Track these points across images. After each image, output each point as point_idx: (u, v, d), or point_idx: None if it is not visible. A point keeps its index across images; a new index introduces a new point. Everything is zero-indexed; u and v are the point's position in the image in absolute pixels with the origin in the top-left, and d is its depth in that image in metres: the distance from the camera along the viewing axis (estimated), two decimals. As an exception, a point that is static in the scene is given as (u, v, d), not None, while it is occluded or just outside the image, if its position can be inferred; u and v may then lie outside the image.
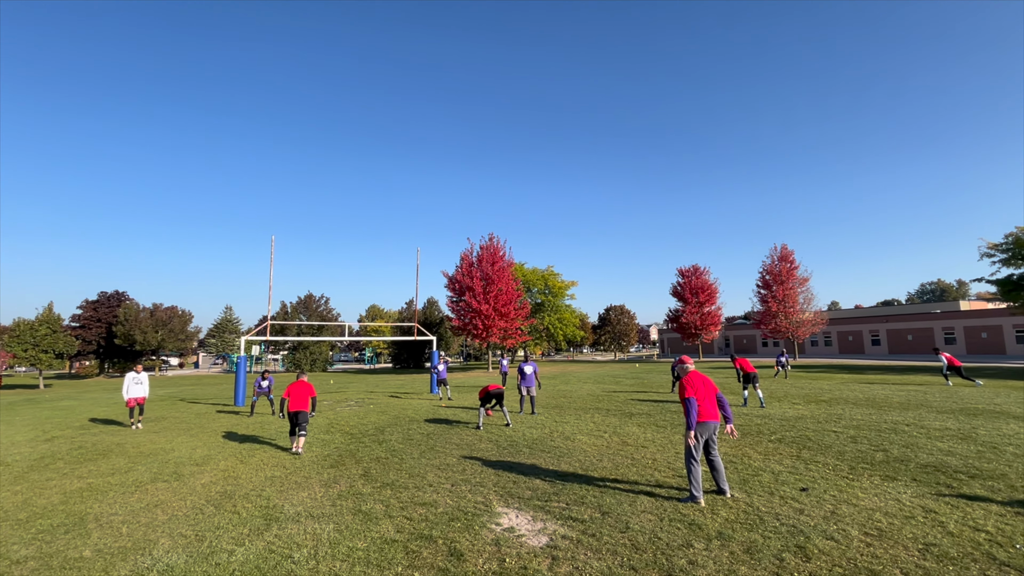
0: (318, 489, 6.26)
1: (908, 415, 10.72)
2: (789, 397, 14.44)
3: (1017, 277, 24.73)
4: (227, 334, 75.56)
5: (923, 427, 9.28)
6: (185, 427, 11.98)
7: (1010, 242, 24.72)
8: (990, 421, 9.71)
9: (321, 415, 13.44)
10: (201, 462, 8.01)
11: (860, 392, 15.27)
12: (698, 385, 5.58)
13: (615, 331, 65.87)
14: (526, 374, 12.78)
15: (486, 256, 36.50)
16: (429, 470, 7.07)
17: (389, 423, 11.64)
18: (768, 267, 42.94)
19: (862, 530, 4.49)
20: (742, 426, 9.92)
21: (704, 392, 5.60)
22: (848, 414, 11.08)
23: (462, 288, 35.96)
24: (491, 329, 34.73)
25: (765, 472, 6.49)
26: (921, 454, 7.23)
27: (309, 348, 47.71)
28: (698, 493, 5.30)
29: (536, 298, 44.33)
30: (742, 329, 65.56)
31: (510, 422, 10.91)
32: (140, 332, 44.76)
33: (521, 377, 12.82)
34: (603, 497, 5.62)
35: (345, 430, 10.80)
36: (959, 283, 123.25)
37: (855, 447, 7.81)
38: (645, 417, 11.55)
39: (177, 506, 5.77)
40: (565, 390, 18.99)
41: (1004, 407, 11.50)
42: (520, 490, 6.01)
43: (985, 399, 12.92)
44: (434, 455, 8.05)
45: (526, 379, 12.76)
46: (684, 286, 48.53)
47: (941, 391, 14.91)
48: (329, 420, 12.39)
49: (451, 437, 9.61)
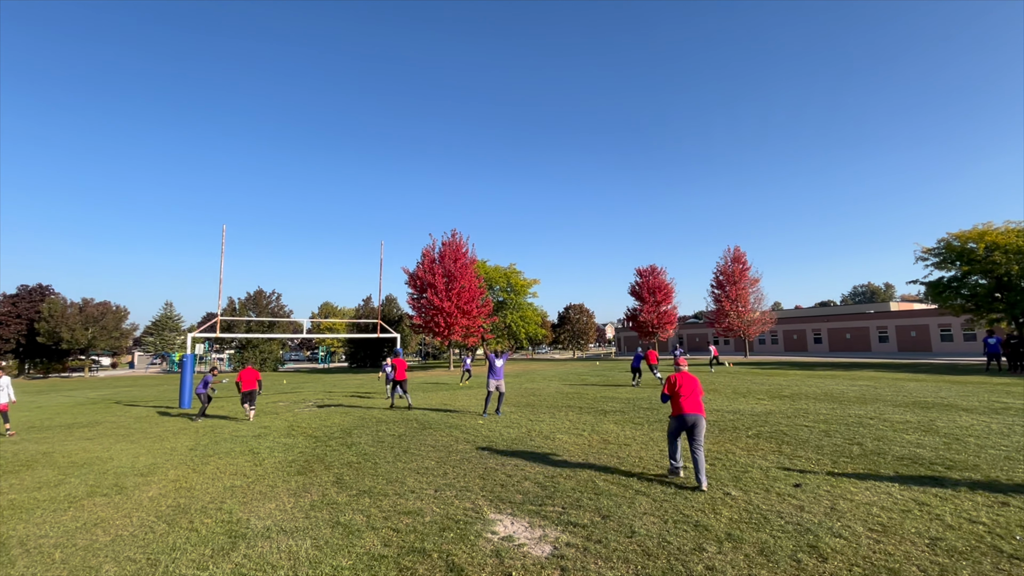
0: (287, 499, 5.67)
1: (868, 409, 11.14)
2: (753, 393, 14.81)
3: (947, 280, 26.62)
4: (167, 332, 71.03)
5: (886, 420, 9.63)
6: (124, 432, 10.87)
7: (942, 247, 26.55)
8: (943, 414, 10.21)
9: (279, 417, 12.57)
10: (146, 472, 7.17)
11: (816, 387, 15.87)
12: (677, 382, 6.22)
13: (574, 330, 66.65)
14: (496, 367, 11.72)
15: (449, 253, 35.82)
16: (407, 475, 6.60)
17: (355, 424, 10.99)
18: (722, 268, 44.42)
19: (866, 526, 4.44)
20: (717, 422, 9.98)
21: (687, 390, 6.11)
22: (813, 409, 11.41)
23: (423, 285, 35.14)
24: (453, 327, 34.12)
25: (753, 468, 6.44)
26: (894, 447, 7.42)
27: (259, 346, 45.36)
28: (677, 464, 6.16)
29: (499, 296, 44.02)
30: (695, 328, 67.85)
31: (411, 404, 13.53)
32: (67, 329, 41.10)
33: (490, 370, 11.76)
34: (599, 499, 5.36)
35: (308, 433, 10.08)
36: (886, 286, 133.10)
37: (830, 441, 7.95)
38: (619, 414, 11.46)
39: (121, 524, 5.05)
40: (533, 388, 18.77)
41: (950, 400, 12.19)
42: (510, 494, 5.66)
43: (930, 393, 13.69)
44: (410, 458, 7.56)
45: (495, 372, 11.68)
46: (642, 285, 49.46)
47: (891, 386, 15.73)
48: (289, 423, 11.59)
49: (424, 439, 9.12)
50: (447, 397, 16.48)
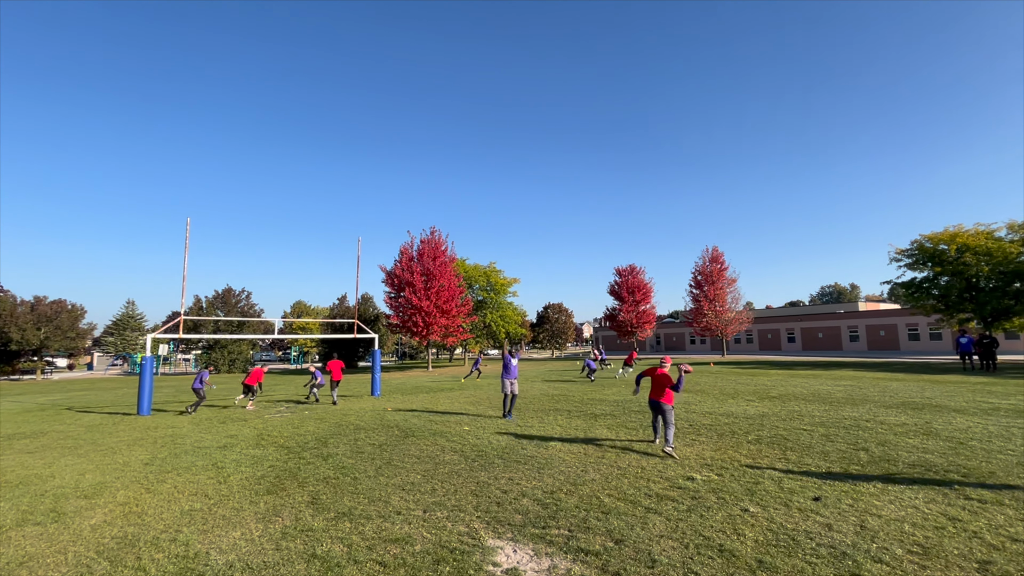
0: (254, 525, 4.98)
1: (861, 410, 10.98)
2: (742, 394, 14.60)
3: (919, 280, 27.24)
4: (128, 331, 67.99)
5: (883, 423, 9.44)
6: (72, 444, 9.87)
7: (914, 249, 27.16)
8: (937, 415, 10.10)
9: (248, 424, 11.70)
10: (92, 493, 6.34)
11: (802, 388, 15.80)
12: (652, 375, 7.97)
13: (553, 329, 66.49)
14: (511, 366, 11.26)
15: (427, 250, 34.99)
16: (392, 492, 5.97)
17: (331, 432, 10.25)
18: (700, 267, 44.82)
19: (904, 548, 4.04)
20: (714, 427, 9.63)
21: (655, 381, 7.81)
22: (806, 411, 11.20)
23: (401, 284, 34.23)
24: (432, 327, 33.34)
25: (765, 479, 6.04)
26: (901, 452, 7.16)
27: (227, 347, 43.58)
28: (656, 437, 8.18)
29: (478, 295, 43.32)
30: (672, 327, 68.50)
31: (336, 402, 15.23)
32: (17, 329, 38.64)
33: (505, 370, 11.26)
34: (608, 519, 4.85)
35: (279, 443, 9.30)
36: (852, 286, 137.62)
37: (835, 447, 7.65)
38: (611, 418, 11.02)
39: (53, 563, 4.28)
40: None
41: (937, 400, 12.17)
42: (508, 514, 5.10)
43: (915, 392, 13.71)
44: (393, 472, 6.92)
45: (510, 372, 11.21)
46: (621, 285, 49.61)
47: (874, 385, 15.77)
48: (258, 431, 10.75)
49: (408, 448, 8.48)
50: (428, 400, 15.81)
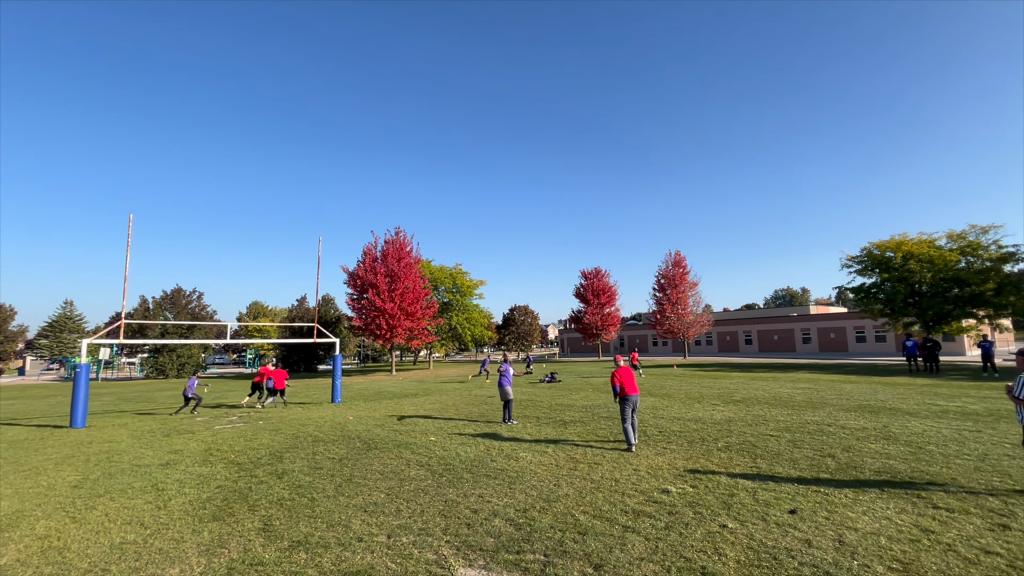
0: (196, 560, 4.47)
1: (822, 414, 11.24)
2: (707, 398, 14.77)
3: (868, 286, 28.58)
4: (66, 334, 63.61)
5: (844, 427, 9.64)
6: (-10, 464, 8.88)
7: (864, 255, 28.48)
8: (893, 419, 10.43)
9: (195, 437, 10.91)
10: (5, 524, 5.60)
11: (763, 391, 16.15)
12: (621, 374, 8.56)
13: (519, 331, 66.43)
14: (510, 374, 11.78)
15: (392, 251, 34.18)
16: (353, 514, 5.54)
17: (287, 445, 9.64)
18: (663, 271, 45.70)
19: (884, 564, 3.98)
20: (683, 433, 9.61)
21: (627, 378, 8.50)
22: (770, 415, 11.37)
23: (364, 285, 33.29)
24: (396, 329, 32.55)
25: (739, 490, 5.96)
26: (866, 459, 7.26)
27: (176, 350, 41.25)
28: (632, 440, 8.27)
29: (444, 297, 42.68)
30: (635, 329, 69.63)
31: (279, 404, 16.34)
32: (-64, 332, 35.33)
33: (505, 378, 11.71)
34: (585, 541, 4.61)
35: (229, 458, 8.65)
36: (803, 290, 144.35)
37: (802, 453, 7.70)
38: (580, 425, 10.86)
39: (-51, 616, 3.68)
40: (483, 395, 17.90)
41: (891, 403, 12.62)
42: (479, 537, 4.79)
43: (869, 395, 14.22)
44: (355, 490, 6.48)
45: (509, 379, 11.74)
46: (587, 288, 50.01)
47: (830, 388, 16.30)
48: (206, 445, 10.01)
49: (370, 463, 8.02)
50: (392, 407, 15.26)
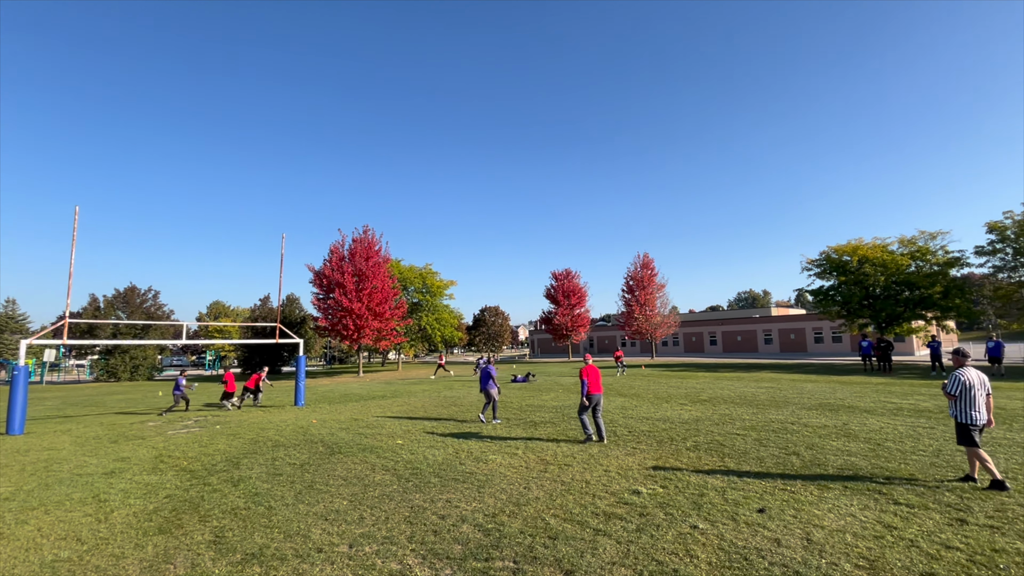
0: (137, 578, 4.12)
1: (785, 413, 11.50)
2: (675, 398, 14.95)
3: (826, 288, 29.67)
4: (7, 334, 59.74)
5: (807, 425, 9.88)
6: (-91, 476, 8.10)
7: (823, 259, 29.57)
8: (852, 416, 10.76)
9: (145, 443, 10.29)
10: (-78, 542, 5.08)
11: (729, 390, 16.49)
12: (589, 372, 8.94)
13: (489, 332, 66.20)
14: (494, 375, 11.99)
15: (359, 250, 33.41)
16: (313, 523, 5.26)
17: (245, 451, 9.19)
18: (632, 273, 46.33)
19: (851, 562, 4.00)
20: (652, 433, 9.64)
21: (593, 376, 8.88)
22: (736, 414, 11.56)
23: (331, 284, 32.44)
24: (364, 330, 31.83)
25: (709, 490, 5.96)
26: (828, 456, 7.42)
27: (129, 352, 39.21)
28: (589, 432, 8.95)
29: (414, 297, 42.05)
30: (604, 330, 70.42)
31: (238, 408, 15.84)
32: None
33: (490, 378, 11.89)
34: (556, 546, 4.49)
35: (181, 465, 8.16)
36: (764, 292, 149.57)
37: (768, 452, 7.82)
38: (551, 426, 10.77)
39: None
40: (453, 396, 17.63)
41: (849, 401, 13.06)
42: (446, 545, 4.60)
43: (828, 394, 14.69)
44: (315, 497, 6.17)
45: (494, 380, 11.94)
46: (557, 289, 50.21)
47: (791, 387, 16.78)
48: (157, 451, 9.44)
49: (333, 468, 7.70)
50: (358, 409, 14.83)
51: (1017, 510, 5.00)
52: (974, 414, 5.88)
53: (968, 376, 5.99)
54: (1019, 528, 4.56)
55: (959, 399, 6.00)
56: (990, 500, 5.31)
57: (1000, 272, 26.56)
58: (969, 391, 5.94)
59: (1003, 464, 6.69)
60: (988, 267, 26.80)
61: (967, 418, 5.91)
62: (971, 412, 5.89)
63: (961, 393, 5.98)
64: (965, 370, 6.08)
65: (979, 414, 5.87)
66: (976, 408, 5.89)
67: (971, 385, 5.94)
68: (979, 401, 5.91)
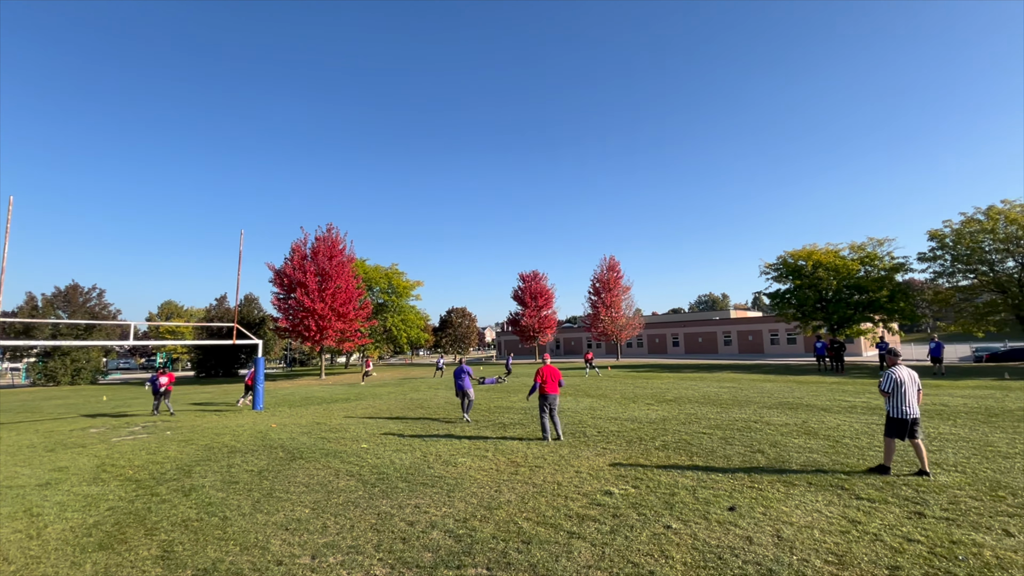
0: (72, 600, 3.75)
1: (748, 412, 11.80)
2: (641, 398, 15.13)
3: (783, 292, 30.84)
4: (-71, 336, 55.12)
5: (769, 424, 10.14)
6: None
7: (779, 264, 30.72)
8: (811, 415, 11.13)
9: (86, 451, 9.58)
10: None
11: (693, 390, 16.83)
12: (544, 372, 9.25)
13: (456, 333, 65.66)
14: (470, 372, 12.15)
15: (323, 249, 32.46)
16: (272, 533, 4.95)
17: (198, 458, 8.67)
18: (599, 276, 46.91)
19: (821, 558, 4.05)
20: (622, 433, 9.68)
21: (548, 377, 9.20)
22: (701, 413, 11.78)
23: (292, 284, 31.36)
24: (327, 331, 30.91)
25: (680, 489, 5.98)
26: (791, 453, 7.61)
27: (70, 354, 36.77)
28: (546, 435, 9.08)
29: (379, 298, 41.19)
30: (570, 332, 71.09)
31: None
32: None
33: (467, 376, 12.03)
34: (530, 550, 4.37)
35: (127, 475, 7.61)
36: (724, 295, 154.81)
37: (734, 450, 7.96)
38: (520, 427, 10.68)
39: None
40: (420, 398, 17.30)
41: (806, 400, 13.55)
42: (416, 553, 4.41)
43: (786, 393, 15.22)
44: (275, 506, 5.84)
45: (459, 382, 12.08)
46: (524, 290, 50.31)
47: (751, 387, 17.29)
48: (99, 460, 8.79)
49: (294, 474, 7.35)
50: (320, 413, 14.33)
51: (969, 503, 5.22)
52: (906, 409, 6.27)
53: (900, 374, 6.40)
54: (972, 520, 4.75)
55: (891, 395, 6.40)
56: (943, 493, 5.53)
57: (940, 277, 28.31)
58: (900, 387, 6.33)
59: (951, 458, 7.04)
60: (929, 273, 28.51)
61: (899, 413, 6.30)
62: (903, 407, 6.29)
63: (893, 390, 6.39)
64: (897, 368, 6.50)
65: (910, 408, 6.26)
66: (908, 403, 6.28)
67: (902, 382, 6.34)
68: (910, 396, 6.30)
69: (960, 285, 27.90)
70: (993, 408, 11.35)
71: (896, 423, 6.31)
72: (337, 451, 8.82)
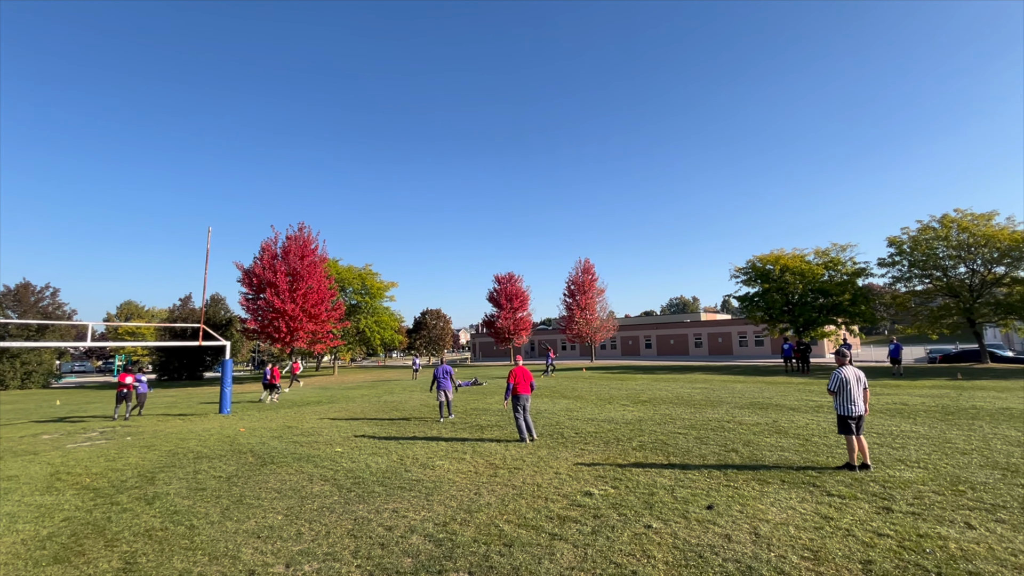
0: (25, 618, 3.51)
1: (720, 412, 12.04)
2: (617, 399, 15.26)
3: (752, 295, 31.70)
4: None
5: (741, 423, 10.36)
6: None
7: (749, 267, 31.57)
8: (780, 414, 11.43)
9: (39, 458, 9.05)
10: None
11: (666, 391, 17.09)
12: (516, 373, 9.35)
13: (431, 335, 65.08)
14: (452, 372, 12.36)
15: (294, 248, 31.61)
16: (243, 541, 4.76)
17: (162, 464, 8.29)
18: (573, 278, 47.28)
19: (798, 555, 4.14)
20: (599, 434, 9.73)
21: (520, 378, 9.31)
22: (676, 414, 11.95)
23: (262, 284, 30.46)
24: (297, 332, 30.13)
25: (658, 488, 6.03)
26: (764, 452, 7.79)
27: (19, 356, 34.83)
28: (523, 437, 9.10)
29: (352, 299, 40.43)
30: (545, 334, 71.38)
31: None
32: None
33: (448, 377, 12.17)
34: (512, 553, 4.32)
35: (83, 483, 7.21)
36: (694, 299, 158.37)
37: (709, 449, 8.09)
38: (497, 429, 10.61)
39: None
40: (395, 401, 17.03)
41: (775, 400, 13.92)
42: (395, 559, 4.30)
43: (756, 393, 15.61)
44: (246, 513, 5.62)
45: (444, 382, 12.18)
46: (500, 292, 50.24)
47: (723, 387, 17.67)
48: (54, 468, 8.31)
49: (265, 479, 7.10)
50: (292, 416, 13.94)
51: (933, 497, 5.43)
52: (851, 407, 6.59)
53: (846, 374, 6.72)
54: (937, 514, 4.94)
55: (838, 395, 6.73)
56: (908, 489, 5.74)
57: (898, 282, 29.61)
58: (846, 386, 6.65)
59: (913, 455, 7.32)
60: (888, 277, 29.78)
61: (845, 411, 6.62)
62: (848, 406, 6.61)
63: (839, 389, 6.71)
64: (843, 369, 6.81)
65: (855, 407, 6.58)
66: (853, 401, 6.59)
67: (847, 381, 6.67)
68: (855, 395, 6.61)
69: (916, 290, 29.24)
70: (949, 407, 11.89)
71: (843, 420, 6.62)
72: (310, 455, 8.58)
